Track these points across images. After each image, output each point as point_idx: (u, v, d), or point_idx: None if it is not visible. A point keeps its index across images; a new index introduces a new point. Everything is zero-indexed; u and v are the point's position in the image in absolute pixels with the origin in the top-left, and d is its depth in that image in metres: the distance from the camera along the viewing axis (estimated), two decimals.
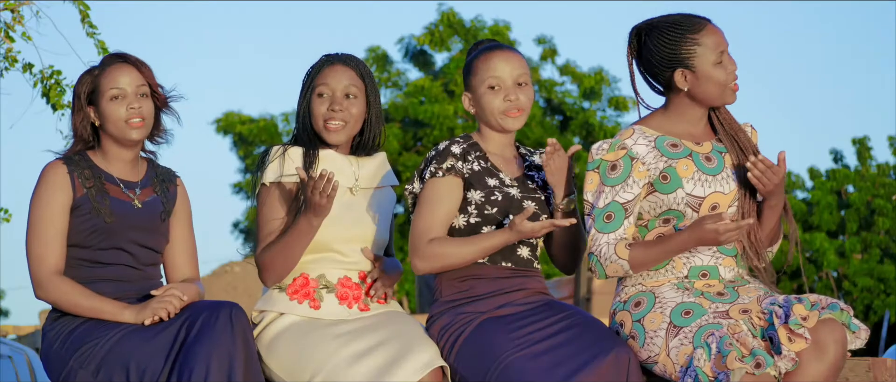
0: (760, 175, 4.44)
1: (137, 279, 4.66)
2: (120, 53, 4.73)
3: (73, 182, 4.60)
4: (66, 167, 4.61)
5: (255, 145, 26.79)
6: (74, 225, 4.60)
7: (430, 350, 4.49)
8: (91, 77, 4.70)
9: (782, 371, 4.28)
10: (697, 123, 4.60)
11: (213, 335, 4.38)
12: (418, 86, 26.07)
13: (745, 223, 4.36)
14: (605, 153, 4.53)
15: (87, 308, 4.54)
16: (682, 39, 4.51)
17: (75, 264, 4.61)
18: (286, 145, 4.73)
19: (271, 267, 4.63)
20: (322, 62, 4.78)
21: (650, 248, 4.45)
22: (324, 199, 4.51)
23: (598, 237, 4.47)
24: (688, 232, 4.41)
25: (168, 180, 4.80)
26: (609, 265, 4.46)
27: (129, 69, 4.67)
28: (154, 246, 4.70)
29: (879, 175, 27.10)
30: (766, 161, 4.43)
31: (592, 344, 4.40)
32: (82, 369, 4.48)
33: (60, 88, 8.80)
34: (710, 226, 4.35)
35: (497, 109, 4.61)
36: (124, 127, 4.64)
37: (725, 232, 4.35)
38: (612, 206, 4.48)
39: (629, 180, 4.49)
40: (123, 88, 4.64)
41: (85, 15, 8.66)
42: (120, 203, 4.63)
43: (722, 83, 4.51)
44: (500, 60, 4.63)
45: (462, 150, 4.61)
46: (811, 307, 4.30)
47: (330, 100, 4.72)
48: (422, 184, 4.60)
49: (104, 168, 4.67)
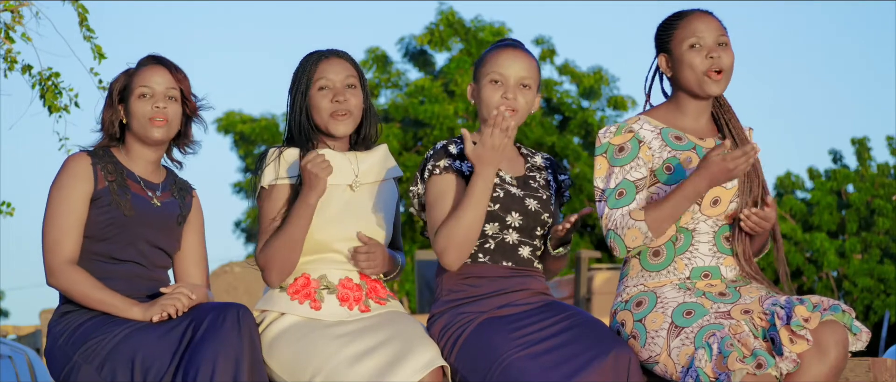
0: (754, 226, 4.50)
1: (147, 279, 4.68)
2: (157, 55, 4.81)
3: (95, 174, 4.65)
4: (91, 159, 4.67)
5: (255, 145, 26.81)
6: (93, 216, 4.63)
7: (430, 349, 4.48)
8: (126, 75, 4.77)
9: (783, 371, 4.28)
10: (699, 117, 4.61)
11: (221, 335, 4.40)
12: (418, 86, 26.08)
13: (751, 148, 4.35)
14: (613, 136, 4.54)
15: (97, 300, 4.55)
16: (667, 24, 4.59)
17: (89, 257, 4.64)
18: (282, 148, 4.73)
19: (274, 262, 4.62)
20: (316, 57, 4.78)
21: (663, 203, 4.43)
22: (317, 168, 4.52)
23: (611, 214, 4.47)
24: (696, 172, 4.39)
25: (185, 190, 4.86)
26: (627, 232, 4.44)
27: (161, 70, 4.74)
28: (166, 248, 4.73)
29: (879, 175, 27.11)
30: (758, 213, 4.48)
31: (593, 345, 4.40)
32: (87, 364, 4.49)
33: (57, 91, 8.79)
34: (716, 157, 4.35)
35: (493, 104, 4.61)
36: (147, 124, 4.69)
37: (733, 160, 4.35)
38: (623, 183, 4.49)
39: (638, 161, 4.51)
40: (152, 87, 4.71)
41: (83, 18, 8.65)
42: (140, 199, 4.68)
43: (695, 68, 4.52)
44: (509, 58, 4.64)
45: (459, 149, 4.61)
46: (813, 309, 4.30)
47: (333, 92, 4.73)
48: (424, 184, 4.60)
49: (127, 165, 4.73)
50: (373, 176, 4.80)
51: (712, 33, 4.54)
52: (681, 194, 4.42)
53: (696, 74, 4.52)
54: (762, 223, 4.50)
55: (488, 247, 4.59)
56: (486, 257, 4.60)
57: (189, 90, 4.79)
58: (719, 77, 4.53)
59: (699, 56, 4.53)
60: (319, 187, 4.56)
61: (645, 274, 4.56)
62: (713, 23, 4.56)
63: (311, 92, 4.73)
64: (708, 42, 4.53)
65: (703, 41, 4.53)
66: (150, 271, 4.70)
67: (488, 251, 4.59)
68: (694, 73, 4.53)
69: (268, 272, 4.66)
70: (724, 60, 4.53)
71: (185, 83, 4.77)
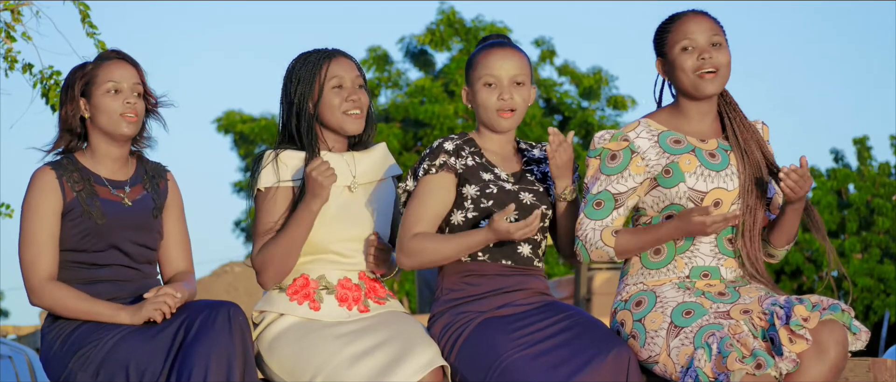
0: (794, 184, 4.40)
1: (135, 277, 4.65)
2: (117, 50, 4.74)
3: (62, 187, 4.59)
4: (55, 172, 4.60)
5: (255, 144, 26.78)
6: (67, 230, 4.59)
7: (430, 349, 4.48)
8: (85, 70, 4.69)
9: (783, 371, 4.28)
10: (703, 119, 4.61)
11: (212, 334, 4.38)
12: (418, 86, 26.06)
13: (732, 215, 4.37)
14: (607, 142, 4.54)
15: (84, 312, 4.53)
16: (661, 29, 4.59)
17: (72, 267, 4.60)
18: (278, 149, 4.72)
19: (270, 265, 4.61)
20: (324, 55, 4.75)
21: (636, 235, 4.47)
22: (322, 176, 4.51)
23: (585, 222, 4.50)
24: (675, 222, 4.42)
25: (158, 175, 4.78)
26: (594, 250, 4.49)
27: (127, 66, 4.68)
28: (148, 243, 4.69)
29: (880, 175, 27.09)
30: (798, 171, 4.40)
31: (593, 344, 4.40)
32: (82, 371, 4.47)
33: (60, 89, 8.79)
34: (697, 218, 4.36)
35: (491, 107, 4.61)
36: (119, 120, 4.63)
37: (712, 224, 4.36)
38: (603, 194, 4.50)
39: (626, 173, 4.50)
40: (121, 82, 4.65)
41: (85, 15, 8.66)
42: (110, 204, 4.63)
43: (687, 70, 4.51)
44: (498, 59, 4.63)
45: (455, 146, 4.60)
46: (812, 308, 4.30)
47: (347, 91, 4.72)
48: (415, 182, 4.60)
49: (92, 169, 4.67)
50: (371, 176, 4.79)
51: (704, 34, 4.53)
52: (654, 236, 4.46)
53: (688, 76, 4.52)
54: (801, 183, 4.40)
55: (488, 246, 4.59)
56: (486, 254, 4.59)
57: (147, 85, 4.73)
58: (713, 76, 4.52)
59: (691, 58, 4.52)
60: (323, 194, 4.55)
61: (645, 272, 4.56)
62: (705, 23, 4.55)
63: (325, 91, 4.72)
64: (700, 43, 4.52)
65: (694, 43, 4.52)
66: (136, 268, 4.66)
67: (488, 249, 4.59)
68: (686, 75, 4.52)
69: (263, 275, 4.65)
70: (717, 60, 4.52)
71: (144, 79, 4.72)
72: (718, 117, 4.65)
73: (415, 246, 4.51)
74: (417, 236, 4.52)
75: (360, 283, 4.72)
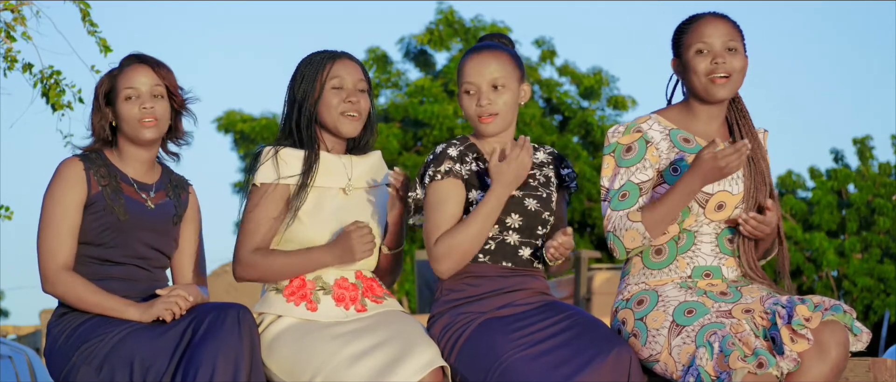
0: (753, 230, 4.50)
1: (145, 279, 4.68)
2: (138, 53, 4.77)
3: (88, 179, 4.63)
4: (83, 164, 4.65)
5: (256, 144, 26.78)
6: (87, 223, 4.62)
7: (430, 350, 4.48)
8: (110, 77, 4.74)
9: (784, 371, 4.28)
10: (711, 121, 4.60)
11: (221, 335, 4.39)
12: (418, 86, 26.07)
13: (743, 145, 4.35)
14: (621, 136, 4.54)
15: (93, 304, 4.55)
16: (680, 29, 4.58)
17: (85, 261, 4.63)
18: (277, 146, 4.72)
19: (260, 274, 4.63)
20: (329, 56, 4.76)
21: (658, 203, 4.44)
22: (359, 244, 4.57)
23: (612, 215, 4.48)
24: (689, 171, 4.40)
25: (181, 187, 4.84)
26: (625, 233, 4.45)
27: (144, 69, 4.71)
28: (164, 249, 4.73)
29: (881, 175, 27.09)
30: (756, 217, 4.47)
31: (593, 344, 4.40)
32: (85, 365, 4.49)
33: (60, 88, 8.80)
34: (707, 154, 4.35)
35: (472, 114, 4.61)
36: (137, 126, 4.67)
37: (724, 157, 4.35)
38: (627, 186, 4.49)
39: (644, 162, 4.50)
40: (137, 87, 4.69)
41: (86, 14, 8.66)
42: (134, 203, 4.67)
43: (699, 73, 4.51)
44: (475, 65, 4.60)
45: (459, 152, 4.60)
46: (814, 309, 4.30)
47: (346, 93, 4.73)
48: (423, 190, 4.59)
49: (120, 168, 4.71)
50: (365, 181, 4.80)
51: (720, 38, 4.51)
52: (676, 194, 4.42)
53: (700, 79, 4.51)
54: (761, 228, 4.49)
55: (488, 248, 4.59)
56: (486, 257, 4.59)
57: (175, 85, 4.75)
58: (725, 81, 4.51)
59: (704, 61, 4.51)
60: (349, 261, 4.62)
61: (646, 272, 4.56)
62: (723, 27, 4.53)
63: (325, 90, 4.73)
64: (715, 47, 4.51)
65: (709, 46, 4.51)
66: (148, 271, 4.69)
67: (488, 252, 4.59)
68: (698, 78, 4.52)
69: (246, 271, 4.66)
70: (730, 65, 4.51)
71: (169, 78, 4.74)
72: (726, 121, 4.64)
73: (444, 247, 4.50)
74: (442, 236, 4.51)
75: (356, 282, 4.72)
